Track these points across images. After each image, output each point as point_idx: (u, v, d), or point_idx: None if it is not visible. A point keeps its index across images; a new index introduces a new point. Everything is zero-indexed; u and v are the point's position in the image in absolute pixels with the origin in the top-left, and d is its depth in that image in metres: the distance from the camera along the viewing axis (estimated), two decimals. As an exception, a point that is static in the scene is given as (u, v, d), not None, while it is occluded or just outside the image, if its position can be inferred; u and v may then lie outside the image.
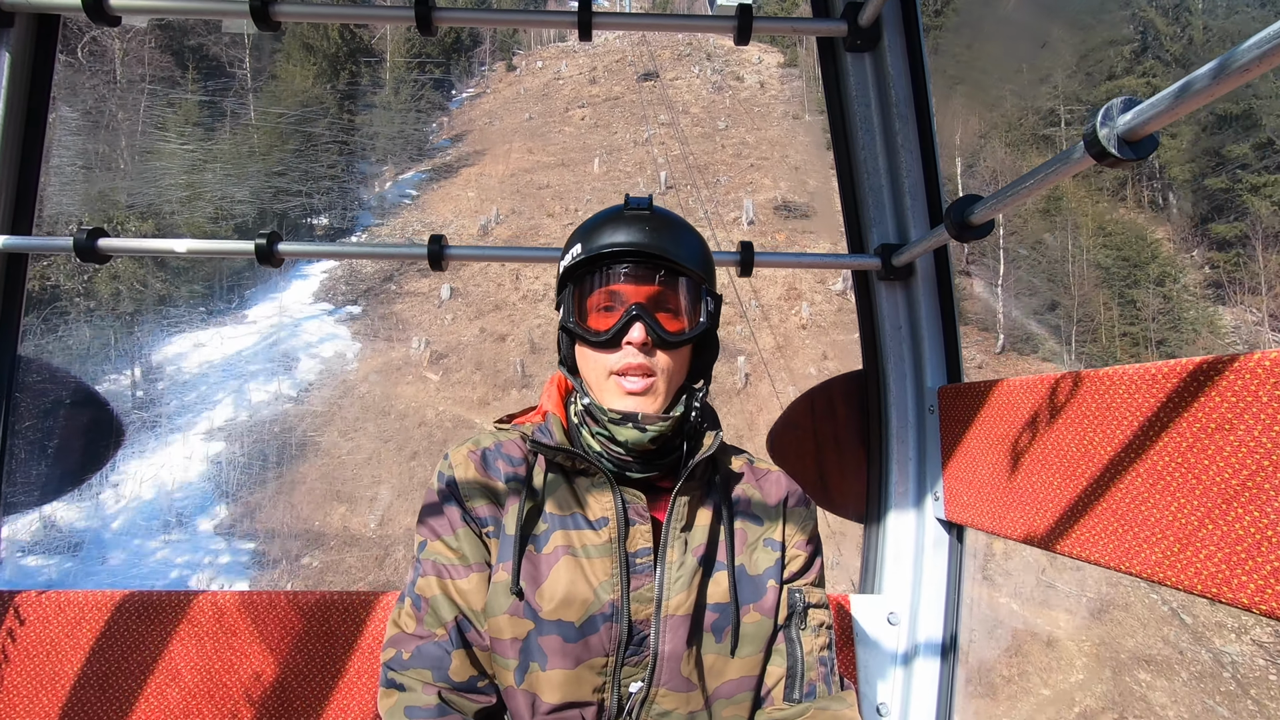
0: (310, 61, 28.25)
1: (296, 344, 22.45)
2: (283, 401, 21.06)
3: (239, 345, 22.32)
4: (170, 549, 17.88)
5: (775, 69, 35.60)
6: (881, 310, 1.84)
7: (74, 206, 22.18)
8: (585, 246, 1.12)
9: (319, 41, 29.42)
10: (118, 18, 1.67)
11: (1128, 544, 1.06)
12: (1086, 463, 1.17)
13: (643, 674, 1.05)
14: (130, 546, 17.77)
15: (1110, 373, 1.15)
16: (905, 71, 1.79)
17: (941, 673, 1.70)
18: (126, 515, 18.25)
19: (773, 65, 36.27)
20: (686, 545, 1.10)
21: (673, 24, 1.97)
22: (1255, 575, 0.86)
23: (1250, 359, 0.89)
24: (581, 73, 33.29)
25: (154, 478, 19.30)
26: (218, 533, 18.31)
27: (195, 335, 22.31)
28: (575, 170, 25.99)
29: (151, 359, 21.37)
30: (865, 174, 1.85)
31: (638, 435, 1.08)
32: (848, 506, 1.87)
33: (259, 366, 21.63)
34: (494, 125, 31.41)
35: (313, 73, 28.07)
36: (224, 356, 21.95)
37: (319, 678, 1.59)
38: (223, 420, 20.60)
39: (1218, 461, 0.93)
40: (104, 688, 1.56)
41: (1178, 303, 28.61)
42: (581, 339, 1.13)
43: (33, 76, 1.74)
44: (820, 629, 1.15)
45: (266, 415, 20.52)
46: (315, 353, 22.56)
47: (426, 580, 1.09)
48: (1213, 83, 0.82)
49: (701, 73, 33.57)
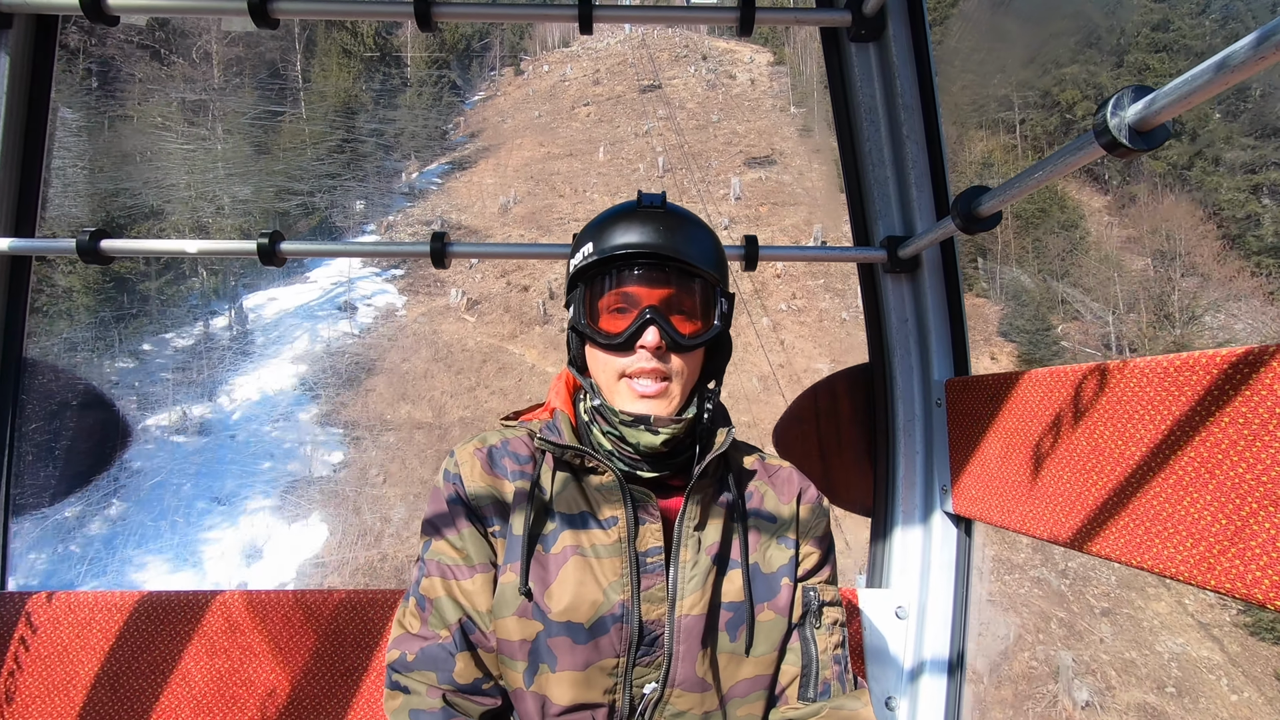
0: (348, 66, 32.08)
1: (353, 297, 27.60)
2: (348, 338, 26.01)
3: (306, 298, 27.74)
4: (280, 431, 23.33)
5: (765, 67, 38.45)
6: (888, 303, 1.79)
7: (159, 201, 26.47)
8: (597, 246, 1.07)
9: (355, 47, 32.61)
10: (116, 17, 1.64)
11: (1137, 537, 1.03)
12: (1096, 457, 1.14)
13: (655, 674, 1.03)
14: (249, 429, 23.29)
15: (1117, 365, 1.12)
16: (910, 61, 1.73)
17: (950, 666, 1.66)
18: (242, 411, 23.97)
19: (763, 64, 38.96)
20: (700, 544, 1.07)
21: (675, 16, 1.93)
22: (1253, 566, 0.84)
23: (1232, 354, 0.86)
24: (585, 75, 36.20)
25: (258, 386, 24.69)
26: (314, 423, 23.73)
27: (268, 292, 27.92)
28: (582, 159, 29.19)
29: (238, 308, 26.94)
30: (870, 166, 1.79)
31: (650, 438, 1.05)
32: (854, 501, 1.83)
33: (325, 314, 27.01)
34: (506, 123, 35.08)
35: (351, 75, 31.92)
36: (295, 306, 27.45)
37: (328, 675, 1.56)
38: (302, 350, 25.84)
39: (1220, 455, 0.91)
40: (115, 688, 1.54)
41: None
42: (593, 341, 1.09)
43: (33, 78, 1.70)
44: (834, 627, 1.12)
45: (337, 347, 25.63)
46: (370, 303, 27.70)
47: (431, 581, 1.07)
48: (1226, 71, 0.77)
49: (697, 72, 36.60)
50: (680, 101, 32.82)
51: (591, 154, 29.84)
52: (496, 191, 29.18)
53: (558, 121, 33.86)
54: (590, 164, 29.24)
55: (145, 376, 24.05)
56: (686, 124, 30.22)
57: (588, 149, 30.20)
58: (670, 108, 31.69)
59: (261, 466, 22.49)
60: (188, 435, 22.96)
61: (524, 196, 28.51)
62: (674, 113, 30.93)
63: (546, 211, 27.37)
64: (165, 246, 1.71)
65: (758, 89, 34.65)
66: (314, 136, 29.20)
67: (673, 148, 28.55)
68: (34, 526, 17.39)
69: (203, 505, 20.99)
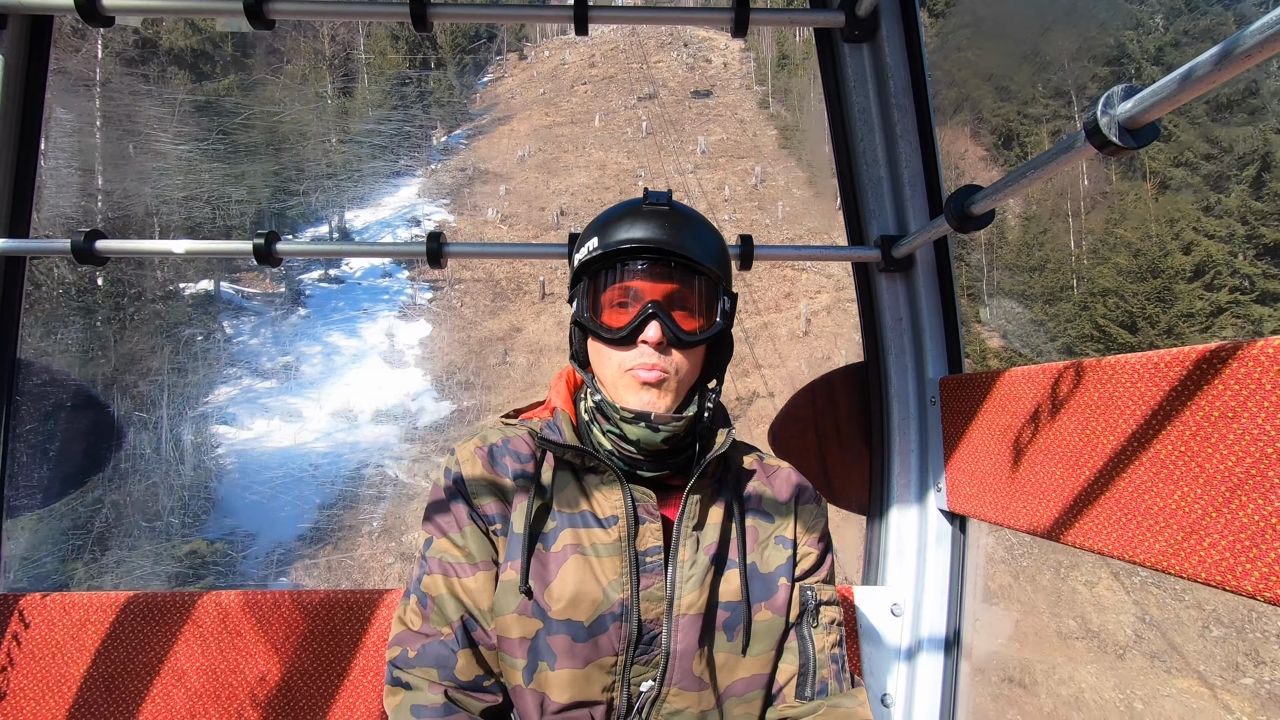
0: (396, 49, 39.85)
1: (417, 215, 35.34)
2: (420, 235, 30.51)
3: (381, 216, 35.97)
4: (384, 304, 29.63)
5: (736, 52, 47.02)
6: (882, 302, 1.79)
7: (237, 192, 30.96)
8: (602, 241, 1.07)
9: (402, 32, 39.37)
10: (111, 18, 1.63)
11: (1132, 533, 1.03)
12: (1089, 452, 1.14)
13: (653, 673, 1.03)
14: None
15: (1113, 361, 1.13)
16: (904, 62, 1.73)
17: (945, 664, 1.66)
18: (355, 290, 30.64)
19: (735, 49, 47.42)
20: (698, 544, 1.07)
21: (670, 17, 1.93)
22: (1260, 564, 0.84)
23: (1255, 346, 0.86)
24: (582, 59, 44.92)
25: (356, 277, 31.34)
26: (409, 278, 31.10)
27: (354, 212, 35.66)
28: (582, 125, 38.08)
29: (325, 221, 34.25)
30: (864, 165, 1.79)
31: (649, 434, 1.04)
32: (850, 499, 1.84)
33: (399, 225, 35.01)
34: (515, 99, 43.98)
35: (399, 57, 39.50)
36: (374, 221, 35.35)
37: (324, 676, 1.55)
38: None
39: (1223, 450, 0.90)
40: (109, 689, 1.52)
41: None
42: (596, 335, 1.09)
43: (27, 78, 1.69)
44: (831, 626, 1.12)
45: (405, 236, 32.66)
46: (429, 218, 35.24)
47: (433, 579, 1.07)
48: (1215, 69, 0.78)
49: (679, 56, 45.40)
50: (663, 81, 41.72)
51: (589, 121, 38.53)
52: (514, 148, 37.99)
53: (560, 97, 42.26)
54: (588, 129, 37.93)
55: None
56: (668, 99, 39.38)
57: (586, 118, 38.99)
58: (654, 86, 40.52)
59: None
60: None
61: (536, 152, 37.28)
62: (657, 90, 39.93)
63: (554, 161, 36.31)
64: (159, 247, 1.70)
65: (729, 71, 43.45)
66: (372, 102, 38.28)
67: (655, 116, 37.71)
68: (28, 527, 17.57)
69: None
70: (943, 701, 1.65)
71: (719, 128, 36.96)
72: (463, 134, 41.74)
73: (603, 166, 35.20)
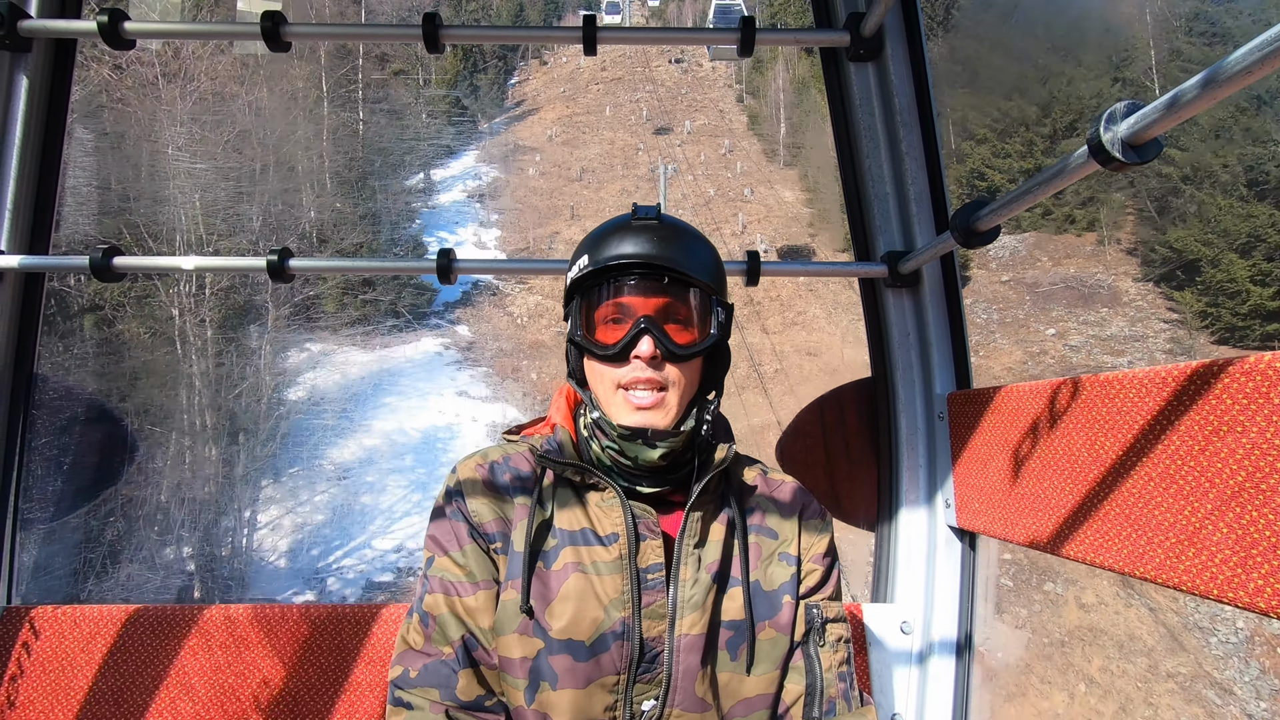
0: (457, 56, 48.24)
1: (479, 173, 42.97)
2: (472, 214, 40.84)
3: (452, 173, 42.91)
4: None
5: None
6: (889, 317, 1.79)
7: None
8: (592, 258, 1.07)
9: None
10: (133, 41, 1.68)
11: (1139, 548, 1.02)
12: (1097, 467, 1.13)
13: (656, 691, 1.01)
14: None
15: (1117, 376, 1.12)
16: (908, 79, 1.74)
17: (956, 682, 1.63)
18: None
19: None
20: (700, 562, 1.06)
21: (677, 37, 1.96)
22: (1255, 575, 0.83)
23: (1253, 361, 0.86)
24: (595, 64, 55.63)
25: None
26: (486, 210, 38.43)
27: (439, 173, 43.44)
28: (595, 115, 48.79)
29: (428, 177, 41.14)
30: (871, 182, 1.80)
31: (648, 452, 1.04)
32: (858, 515, 1.82)
33: (468, 178, 42.57)
34: (540, 95, 54.85)
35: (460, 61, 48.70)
36: (446, 178, 42.26)
37: (330, 691, 1.55)
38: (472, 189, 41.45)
39: (1221, 464, 0.90)
40: (118, 702, 1.52)
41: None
42: (589, 352, 1.08)
43: (50, 100, 1.74)
44: (839, 644, 1.10)
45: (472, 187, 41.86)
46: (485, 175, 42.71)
47: (434, 598, 1.06)
48: (1216, 86, 0.78)
49: (674, 60, 55.85)
50: (660, 80, 53.50)
51: (601, 111, 49.40)
52: (543, 130, 48.18)
53: (577, 93, 53.21)
54: (600, 117, 48.72)
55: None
56: (663, 95, 50.93)
57: (598, 109, 49.99)
58: (653, 84, 52.20)
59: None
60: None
61: (560, 133, 47.52)
62: (656, 89, 51.69)
63: (576, 139, 45.93)
64: (175, 264, 1.73)
65: (716, 72, 53.98)
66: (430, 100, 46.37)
67: (653, 107, 48.52)
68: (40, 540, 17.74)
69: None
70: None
71: (703, 115, 48.11)
72: (501, 121, 52.73)
73: (612, 143, 44.61)
